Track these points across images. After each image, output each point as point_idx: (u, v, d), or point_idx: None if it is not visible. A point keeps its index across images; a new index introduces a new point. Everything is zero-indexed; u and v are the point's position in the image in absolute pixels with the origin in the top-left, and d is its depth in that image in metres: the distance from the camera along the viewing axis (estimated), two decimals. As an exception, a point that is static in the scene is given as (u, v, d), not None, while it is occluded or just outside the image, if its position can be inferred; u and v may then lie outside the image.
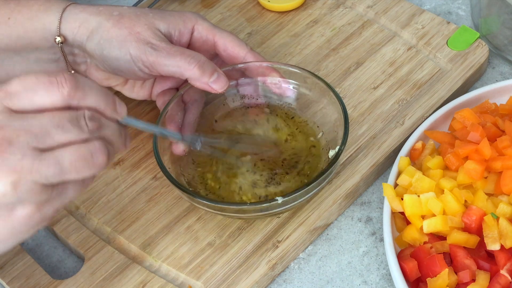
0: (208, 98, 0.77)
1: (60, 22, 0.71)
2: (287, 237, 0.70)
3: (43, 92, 0.51)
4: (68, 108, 0.51)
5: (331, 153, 0.72)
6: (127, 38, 0.70)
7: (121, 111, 0.55)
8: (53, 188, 0.51)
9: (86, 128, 0.51)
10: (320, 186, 0.67)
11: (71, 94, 0.51)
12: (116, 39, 0.70)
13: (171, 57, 0.70)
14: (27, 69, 0.73)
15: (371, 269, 0.70)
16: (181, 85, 0.77)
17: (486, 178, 0.68)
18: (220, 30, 0.75)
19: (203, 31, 0.74)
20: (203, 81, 0.70)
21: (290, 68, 0.75)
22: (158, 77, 0.77)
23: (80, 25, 0.71)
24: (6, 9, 0.72)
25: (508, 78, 0.85)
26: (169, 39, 0.72)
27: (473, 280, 0.63)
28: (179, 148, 0.72)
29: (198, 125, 0.75)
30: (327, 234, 0.73)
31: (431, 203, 0.66)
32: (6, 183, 0.49)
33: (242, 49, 0.75)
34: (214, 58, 0.76)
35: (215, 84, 0.70)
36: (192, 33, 0.74)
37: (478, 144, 0.68)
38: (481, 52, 0.84)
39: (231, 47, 0.74)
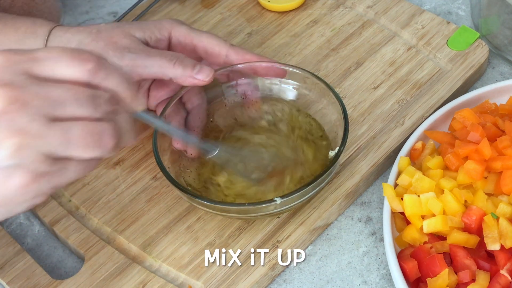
0: (208, 99, 0.77)
1: (45, 45, 0.72)
2: (287, 237, 0.70)
3: (66, 64, 0.50)
4: (88, 85, 0.51)
5: (331, 153, 0.72)
6: (104, 49, 0.71)
7: (141, 103, 0.54)
8: (55, 161, 0.49)
9: (101, 108, 0.50)
10: (320, 186, 0.67)
11: (94, 71, 0.50)
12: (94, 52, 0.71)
13: (151, 58, 0.70)
14: None
15: (371, 269, 0.70)
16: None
17: (486, 178, 0.68)
18: (198, 33, 0.74)
19: (180, 37, 0.74)
20: (187, 75, 0.70)
21: (290, 69, 0.75)
22: (152, 87, 0.76)
23: (64, 46, 0.72)
24: None
25: (508, 78, 0.85)
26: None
27: (473, 280, 0.63)
28: (180, 144, 0.72)
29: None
30: (327, 234, 0.73)
31: (431, 203, 0.66)
32: (10, 144, 0.47)
33: (222, 47, 0.74)
34: (200, 62, 0.76)
35: (200, 74, 0.70)
36: (170, 40, 0.74)
37: (478, 144, 0.68)
38: (481, 52, 0.84)
39: (210, 47, 0.74)
